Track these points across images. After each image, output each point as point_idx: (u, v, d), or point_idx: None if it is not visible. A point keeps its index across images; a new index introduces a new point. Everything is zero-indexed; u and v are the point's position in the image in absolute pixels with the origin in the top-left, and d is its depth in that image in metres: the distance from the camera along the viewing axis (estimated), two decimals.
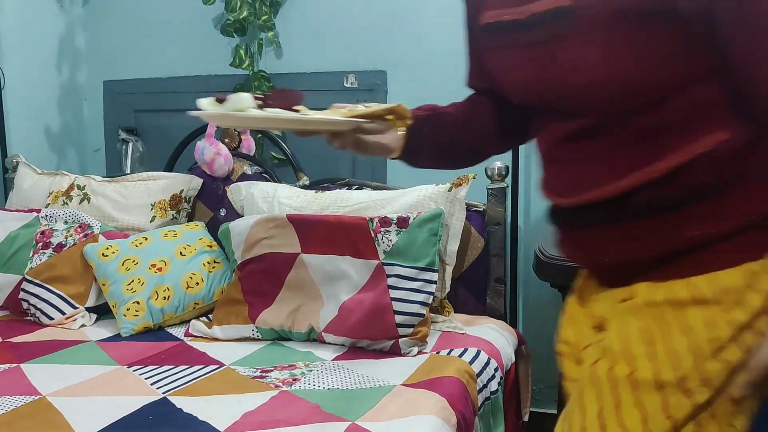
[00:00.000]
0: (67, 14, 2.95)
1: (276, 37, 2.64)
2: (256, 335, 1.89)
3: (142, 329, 1.95)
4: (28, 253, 2.16)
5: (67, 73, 2.97)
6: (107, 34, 2.98)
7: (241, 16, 2.60)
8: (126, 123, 2.90)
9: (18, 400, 1.46)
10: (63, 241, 2.17)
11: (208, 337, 1.91)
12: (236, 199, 2.28)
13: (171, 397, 1.48)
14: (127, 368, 1.67)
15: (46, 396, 1.48)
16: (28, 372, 1.63)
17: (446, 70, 2.38)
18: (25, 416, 1.38)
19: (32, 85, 2.81)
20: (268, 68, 2.65)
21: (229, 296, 1.97)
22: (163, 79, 2.87)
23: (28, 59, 2.78)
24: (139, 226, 2.30)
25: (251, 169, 2.40)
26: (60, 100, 2.95)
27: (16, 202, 2.48)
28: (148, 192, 2.36)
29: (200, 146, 2.36)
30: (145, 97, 2.92)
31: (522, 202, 2.38)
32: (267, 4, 2.61)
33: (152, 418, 1.38)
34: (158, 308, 1.97)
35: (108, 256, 2.06)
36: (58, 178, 2.47)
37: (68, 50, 2.96)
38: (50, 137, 2.92)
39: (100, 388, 1.55)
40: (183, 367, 1.68)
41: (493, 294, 2.15)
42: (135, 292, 1.98)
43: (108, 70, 3.00)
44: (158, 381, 1.58)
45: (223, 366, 1.69)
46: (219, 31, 2.67)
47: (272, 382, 1.57)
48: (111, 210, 2.34)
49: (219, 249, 2.17)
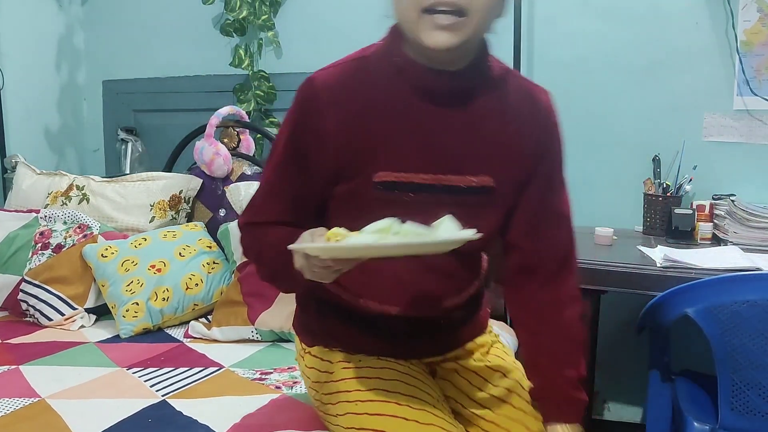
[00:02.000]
0: (67, 14, 2.95)
1: (276, 37, 2.63)
2: (255, 337, 1.88)
3: (141, 330, 1.94)
4: (27, 254, 2.15)
5: (66, 73, 2.96)
6: (106, 33, 2.98)
7: (241, 15, 2.59)
8: (125, 123, 2.90)
9: (17, 402, 1.45)
10: (62, 242, 2.16)
11: (208, 338, 1.91)
12: (236, 199, 2.27)
13: (170, 400, 1.47)
14: (126, 370, 1.67)
15: (45, 398, 1.48)
16: (27, 374, 1.63)
17: None
18: (24, 419, 1.38)
19: (32, 85, 2.81)
20: (267, 68, 2.65)
21: (228, 297, 1.97)
22: (162, 79, 2.87)
23: (27, 59, 2.78)
24: (138, 227, 2.29)
25: (250, 169, 2.39)
26: (59, 100, 2.95)
27: (15, 202, 2.47)
28: (147, 192, 2.35)
29: (199, 146, 2.36)
30: (145, 97, 2.91)
31: None
32: (267, 4, 2.60)
33: (151, 420, 1.38)
34: (157, 309, 1.96)
35: (107, 256, 2.05)
36: (57, 179, 2.46)
37: (67, 50, 2.96)
38: (49, 137, 2.92)
39: (100, 390, 1.54)
40: (182, 369, 1.67)
41: (493, 294, 2.14)
42: (134, 293, 1.97)
43: (107, 70, 2.99)
44: (157, 383, 1.58)
45: (222, 368, 1.69)
46: (219, 31, 2.67)
47: (272, 384, 1.57)
48: (110, 210, 2.33)
49: (218, 250, 2.17)
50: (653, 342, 1.74)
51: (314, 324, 1.25)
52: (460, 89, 1.07)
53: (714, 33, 2.14)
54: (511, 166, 1.12)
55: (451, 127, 1.08)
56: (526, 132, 1.12)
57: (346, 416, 1.13)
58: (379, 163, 1.06)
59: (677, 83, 2.20)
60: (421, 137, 1.07)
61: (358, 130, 1.06)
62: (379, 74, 1.07)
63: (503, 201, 1.14)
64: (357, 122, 1.06)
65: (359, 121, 1.06)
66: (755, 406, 1.42)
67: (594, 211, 2.30)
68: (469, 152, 1.09)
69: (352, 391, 1.14)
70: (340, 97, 1.05)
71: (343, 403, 1.15)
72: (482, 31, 1.04)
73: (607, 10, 2.25)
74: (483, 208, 1.11)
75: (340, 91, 1.06)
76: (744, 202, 1.94)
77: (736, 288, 1.42)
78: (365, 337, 1.19)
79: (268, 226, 1.12)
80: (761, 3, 2.07)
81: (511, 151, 1.12)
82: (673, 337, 1.74)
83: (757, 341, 1.40)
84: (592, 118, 2.30)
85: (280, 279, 1.15)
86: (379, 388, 1.12)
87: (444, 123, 1.07)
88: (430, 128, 1.07)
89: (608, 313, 2.07)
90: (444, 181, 1.07)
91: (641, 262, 1.76)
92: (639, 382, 2.13)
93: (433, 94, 1.06)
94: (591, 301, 1.82)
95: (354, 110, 1.06)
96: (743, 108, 2.12)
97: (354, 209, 1.08)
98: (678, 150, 2.14)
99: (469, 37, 0.99)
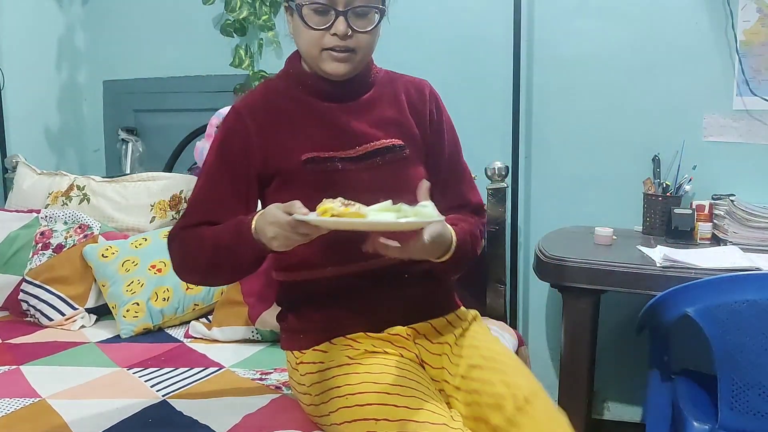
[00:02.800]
0: (67, 14, 2.95)
1: (276, 37, 2.63)
2: (256, 337, 1.89)
3: (141, 330, 1.95)
4: (27, 254, 2.15)
5: (66, 73, 2.96)
6: (107, 33, 2.98)
7: (241, 16, 2.59)
8: (126, 123, 2.90)
9: (17, 402, 1.45)
10: (63, 242, 2.17)
11: (208, 338, 1.91)
12: None
13: (171, 400, 1.48)
14: (126, 370, 1.67)
15: (46, 398, 1.48)
16: (28, 374, 1.63)
17: (446, 69, 2.38)
18: (24, 419, 1.38)
19: (32, 85, 2.81)
20: (268, 68, 2.65)
21: (228, 297, 1.97)
22: (163, 79, 2.87)
23: (28, 59, 2.78)
24: (138, 227, 2.29)
25: None
26: (60, 100, 2.95)
27: (15, 202, 2.47)
28: (147, 192, 2.36)
29: (200, 146, 2.36)
30: (145, 97, 2.91)
31: (522, 203, 2.38)
32: (267, 4, 2.60)
33: (152, 420, 1.38)
34: (158, 309, 1.97)
35: (108, 257, 2.06)
36: (58, 179, 2.46)
37: (68, 50, 2.96)
38: (50, 137, 2.92)
39: (100, 390, 1.54)
40: (183, 369, 1.68)
41: (493, 294, 2.14)
42: (135, 293, 1.97)
43: (108, 70, 2.99)
44: (158, 383, 1.58)
45: (222, 368, 1.69)
46: (219, 31, 2.67)
47: (272, 384, 1.57)
48: (111, 210, 2.33)
49: None
50: (653, 342, 1.74)
51: (296, 324, 1.37)
52: (348, 89, 1.34)
53: (713, 33, 2.14)
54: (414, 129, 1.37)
55: (351, 115, 1.33)
56: (418, 105, 1.40)
57: (338, 411, 1.19)
58: (301, 148, 1.29)
59: (677, 83, 2.20)
60: (328, 125, 1.32)
61: (276, 128, 1.31)
62: (285, 87, 1.35)
63: (418, 156, 1.36)
64: (274, 124, 1.31)
65: (276, 122, 1.31)
66: (755, 405, 1.43)
67: (594, 211, 2.30)
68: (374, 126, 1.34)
69: (342, 386, 1.21)
70: (256, 110, 1.32)
71: (334, 399, 1.21)
72: (366, 61, 1.33)
73: (606, 10, 2.25)
74: (403, 163, 1.34)
75: (255, 106, 1.33)
76: (743, 202, 1.94)
77: (735, 287, 1.43)
78: (341, 314, 1.32)
79: (196, 228, 1.27)
80: (761, 3, 2.07)
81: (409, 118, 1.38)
82: (673, 336, 1.74)
83: (756, 341, 1.40)
84: (591, 118, 2.30)
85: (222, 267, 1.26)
86: (368, 380, 1.19)
87: (344, 112, 1.33)
88: (334, 117, 1.33)
89: (608, 313, 2.07)
90: (360, 151, 1.31)
91: (641, 262, 1.76)
92: (639, 381, 2.13)
93: (329, 95, 1.33)
94: (591, 301, 1.82)
95: (270, 116, 1.32)
96: (743, 108, 2.12)
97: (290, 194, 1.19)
98: (678, 150, 2.14)
99: (356, 66, 1.30)
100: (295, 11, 1.27)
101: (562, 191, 2.35)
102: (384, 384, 1.18)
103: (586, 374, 1.88)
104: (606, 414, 2.41)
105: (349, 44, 1.26)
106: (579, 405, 1.85)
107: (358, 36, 1.26)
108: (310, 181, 1.28)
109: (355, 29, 1.25)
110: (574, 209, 2.34)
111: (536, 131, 2.38)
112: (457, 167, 1.44)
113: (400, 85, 1.41)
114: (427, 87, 1.43)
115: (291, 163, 1.29)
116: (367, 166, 1.31)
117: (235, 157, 1.30)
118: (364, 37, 1.27)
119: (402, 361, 1.26)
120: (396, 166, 1.33)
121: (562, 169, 2.35)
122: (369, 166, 1.31)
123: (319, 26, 1.24)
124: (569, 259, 1.78)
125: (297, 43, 1.32)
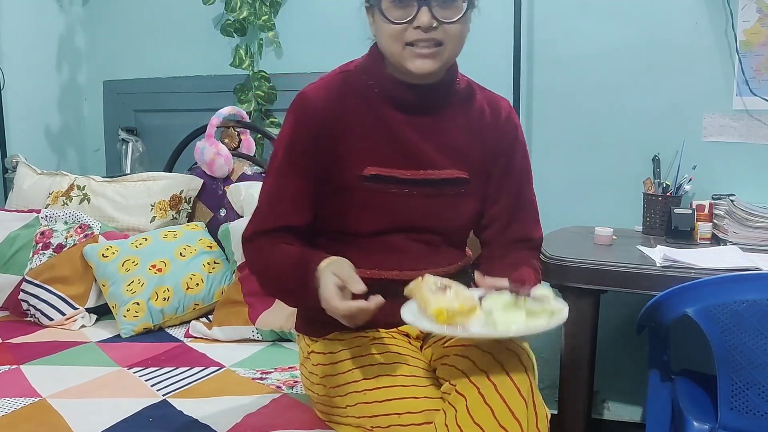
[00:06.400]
0: (67, 14, 2.95)
1: (276, 37, 2.63)
2: (256, 336, 1.89)
3: (142, 330, 1.95)
4: (28, 254, 2.16)
5: (67, 73, 2.97)
6: (107, 33, 2.98)
7: (241, 16, 2.59)
8: (126, 123, 2.90)
9: (18, 401, 1.46)
10: (63, 242, 2.17)
11: (208, 338, 1.91)
12: (236, 199, 2.28)
13: (171, 399, 1.48)
14: (127, 370, 1.67)
15: (46, 398, 1.48)
16: (28, 373, 1.64)
17: None
18: (25, 418, 1.38)
19: (32, 85, 2.81)
20: (268, 68, 2.65)
21: (229, 297, 1.97)
22: (163, 79, 2.87)
23: (28, 59, 2.78)
24: (139, 227, 2.29)
25: (251, 170, 2.40)
26: (60, 100, 2.95)
27: (15, 202, 2.47)
28: (148, 192, 2.36)
29: (200, 146, 2.36)
30: (145, 97, 2.91)
31: None
32: (267, 4, 2.60)
33: (152, 420, 1.38)
34: (158, 309, 1.97)
35: (108, 256, 2.06)
36: (58, 179, 2.47)
37: (68, 50, 2.96)
38: (50, 137, 2.92)
39: (100, 389, 1.55)
40: (183, 368, 1.68)
41: None
42: (135, 293, 1.97)
43: (108, 70, 3.00)
44: (158, 383, 1.58)
45: (223, 368, 1.69)
46: (219, 31, 2.67)
47: (273, 383, 1.57)
48: (111, 210, 2.34)
49: (219, 249, 2.17)
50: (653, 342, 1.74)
51: (314, 313, 1.27)
52: (427, 101, 1.27)
53: (713, 33, 2.14)
54: (482, 161, 1.32)
55: (422, 132, 1.27)
56: (491, 132, 1.33)
57: (356, 406, 1.20)
58: (365, 160, 1.24)
59: (677, 83, 2.20)
60: (397, 140, 1.26)
61: (345, 131, 1.24)
62: (360, 86, 1.27)
63: (478, 191, 1.32)
64: (343, 127, 1.24)
65: (345, 125, 1.24)
66: (755, 405, 1.43)
67: (594, 210, 2.30)
68: (441, 152, 1.28)
69: (359, 380, 1.20)
70: (328, 104, 1.24)
71: (352, 394, 1.21)
72: (455, 57, 1.24)
73: (606, 10, 2.25)
74: (461, 198, 1.30)
75: (328, 99, 1.25)
76: (743, 202, 1.94)
77: (735, 288, 1.42)
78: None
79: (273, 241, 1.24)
80: (761, 3, 2.07)
81: (479, 148, 1.32)
82: (673, 336, 1.74)
83: (756, 341, 1.40)
84: (591, 118, 2.30)
85: (286, 297, 1.29)
86: (382, 374, 1.18)
87: (415, 128, 1.26)
88: (403, 133, 1.26)
89: (608, 313, 2.07)
90: (422, 175, 1.26)
91: (641, 261, 1.76)
92: (639, 381, 2.13)
93: (404, 105, 1.26)
94: (591, 301, 1.82)
95: (340, 116, 1.25)
96: (743, 108, 2.12)
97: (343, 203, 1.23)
98: (678, 150, 2.14)
99: (445, 62, 1.21)
100: (374, 7, 1.19)
101: (562, 191, 2.35)
102: (400, 376, 1.17)
103: (586, 374, 1.88)
104: (606, 414, 2.41)
105: (435, 36, 1.16)
106: (579, 405, 1.85)
107: (445, 27, 1.16)
108: (366, 196, 1.24)
109: (440, 20, 1.15)
110: (574, 209, 2.33)
111: (536, 131, 2.38)
112: (523, 200, 1.37)
113: (476, 103, 1.33)
114: (504, 110, 1.35)
115: (352, 174, 1.24)
116: (424, 193, 1.27)
117: (303, 152, 1.24)
118: (451, 28, 1.17)
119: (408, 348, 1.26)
120: (453, 200, 1.30)
121: (562, 169, 2.35)
122: (427, 193, 1.27)
123: (400, 20, 1.16)
124: (569, 259, 1.78)
125: (379, 42, 1.24)
